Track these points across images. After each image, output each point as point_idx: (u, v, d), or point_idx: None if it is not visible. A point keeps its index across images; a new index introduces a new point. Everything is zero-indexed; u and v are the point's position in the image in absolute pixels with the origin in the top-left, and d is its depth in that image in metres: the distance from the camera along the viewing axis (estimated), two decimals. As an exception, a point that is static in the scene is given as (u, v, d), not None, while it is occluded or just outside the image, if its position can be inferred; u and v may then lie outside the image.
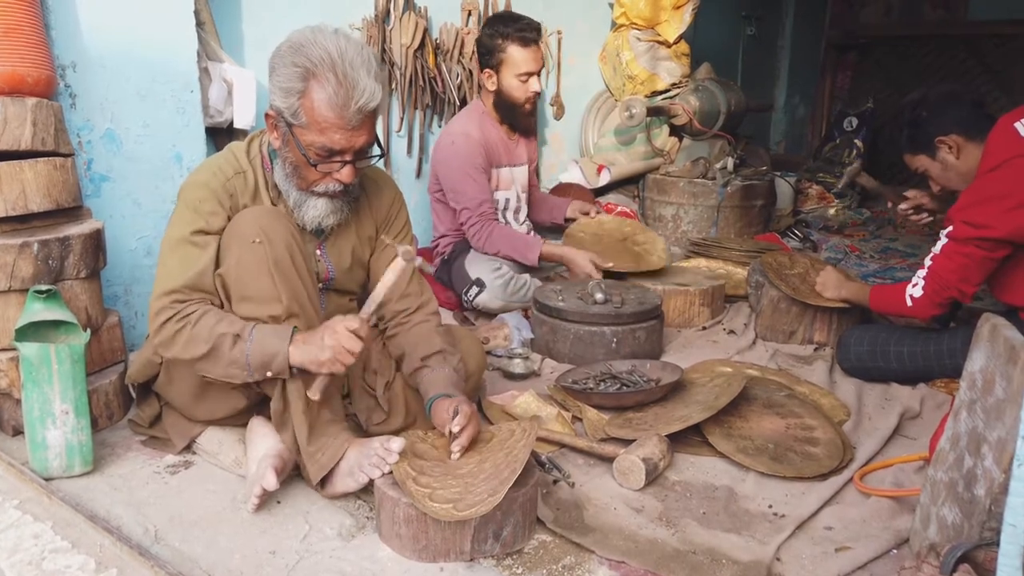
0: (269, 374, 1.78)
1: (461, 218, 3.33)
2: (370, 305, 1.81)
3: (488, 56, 3.33)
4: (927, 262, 2.47)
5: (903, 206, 2.92)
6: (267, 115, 1.86)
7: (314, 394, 1.78)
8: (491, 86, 3.37)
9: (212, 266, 1.85)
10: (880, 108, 6.34)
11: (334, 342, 1.72)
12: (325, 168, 1.84)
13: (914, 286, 2.49)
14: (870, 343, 2.71)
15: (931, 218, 2.86)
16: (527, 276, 3.29)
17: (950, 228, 2.41)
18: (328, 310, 2.09)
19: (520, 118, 3.47)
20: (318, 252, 2.04)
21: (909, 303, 2.50)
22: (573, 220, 3.72)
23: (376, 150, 1.91)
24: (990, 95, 6.51)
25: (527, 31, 3.32)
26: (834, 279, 2.96)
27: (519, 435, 1.81)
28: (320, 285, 2.04)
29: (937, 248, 2.45)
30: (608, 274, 3.26)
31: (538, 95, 3.44)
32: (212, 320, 1.78)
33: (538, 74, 3.40)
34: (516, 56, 3.31)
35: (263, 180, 1.96)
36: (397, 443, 1.76)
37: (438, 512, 1.57)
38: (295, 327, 1.80)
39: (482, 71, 3.39)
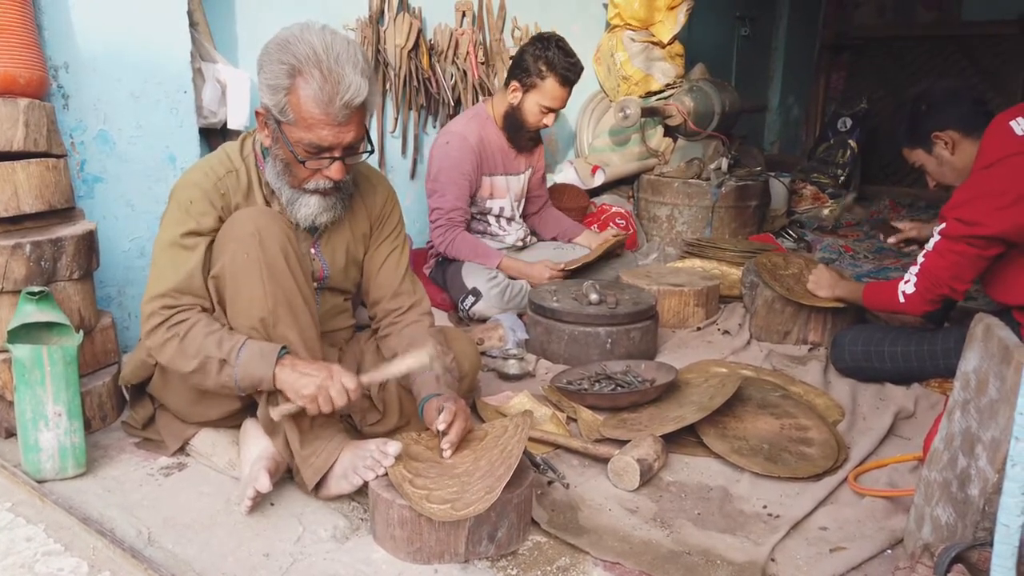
0: (259, 390, 1.79)
1: (431, 216, 3.33)
2: (376, 376, 1.81)
3: (524, 74, 3.30)
4: (920, 259, 2.47)
5: (891, 240, 2.94)
6: (257, 113, 1.86)
7: (275, 415, 1.75)
8: (513, 100, 3.35)
9: (202, 268, 1.84)
10: (874, 108, 6.36)
11: (323, 383, 1.70)
12: (314, 165, 1.84)
13: (906, 283, 2.49)
14: (864, 343, 2.71)
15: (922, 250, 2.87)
16: (523, 282, 3.29)
17: (943, 225, 2.41)
18: (323, 309, 2.08)
19: (521, 139, 3.47)
20: (312, 251, 2.03)
21: (901, 299, 2.50)
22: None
23: (367, 147, 1.90)
24: (983, 94, 6.52)
25: (571, 72, 3.31)
26: (827, 278, 2.96)
27: (512, 431, 1.81)
28: (315, 284, 2.04)
29: (930, 245, 2.45)
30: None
31: (546, 127, 3.43)
32: (201, 334, 1.77)
33: (557, 112, 3.40)
34: (551, 89, 3.30)
35: (256, 179, 1.95)
36: (393, 447, 1.76)
37: (436, 513, 1.57)
38: (284, 348, 1.78)
39: (509, 80, 3.36)
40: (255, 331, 1.80)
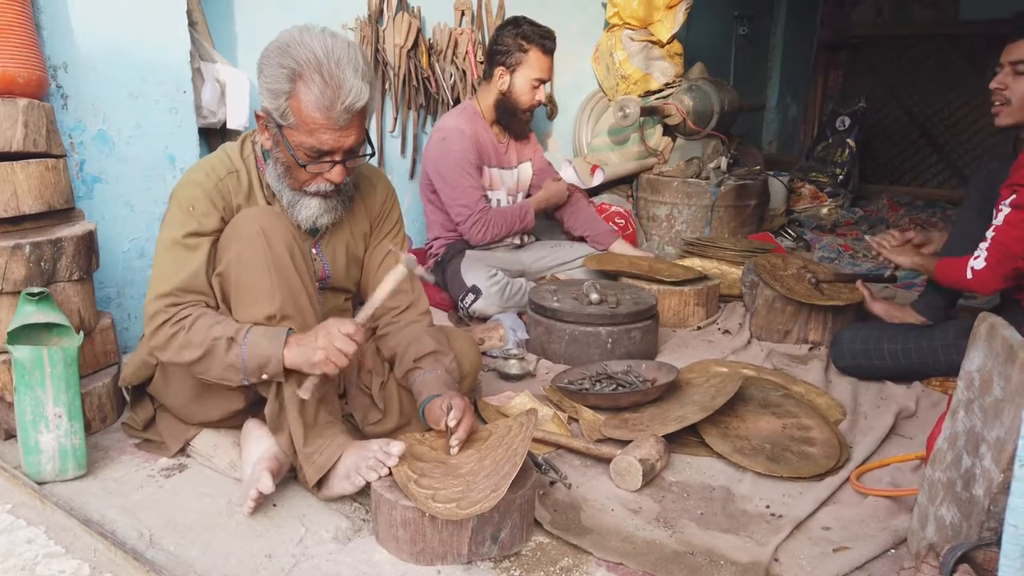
0: (264, 377, 1.76)
1: (458, 216, 3.31)
2: (367, 309, 1.80)
3: (505, 55, 3.35)
4: (989, 234, 2.36)
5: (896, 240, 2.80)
6: (257, 116, 1.86)
7: (304, 393, 1.76)
8: (502, 86, 3.37)
9: (206, 267, 1.84)
10: (872, 107, 6.37)
11: (327, 343, 1.72)
12: (315, 168, 1.83)
13: (976, 258, 2.38)
14: (863, 342, 2.71)
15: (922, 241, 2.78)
16: (522, 280, 3.29)
17: (1013, 197, 2.32)
18: (325, 309, 2.08)
19: (518, 124, 3.48)
20: (314, 251, 2.03)
21: (969, 275, 2.39)
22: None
23: (367, 149, 1.90)
24: (980, 94, 6.53)
25: (549, 39, 3.38)
26: (907, 247, 2.78)
27: (516, 430, 1.81)
28: (317, 284, 2.03)
29: (999, 219, 2.35)
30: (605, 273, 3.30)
31: (540, 104, 3.45)
32: (207, 323, 1.77)
33: (546, 84, 3.42)
34: (536, 60, 3.35)
35: (257, 179, 1.95)
36: (397, 447, 1.76)
37: (442, 512, 1.57)
38: (290, 329, 1.78)
39: (492, 69, 3.38)
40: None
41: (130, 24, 2.51)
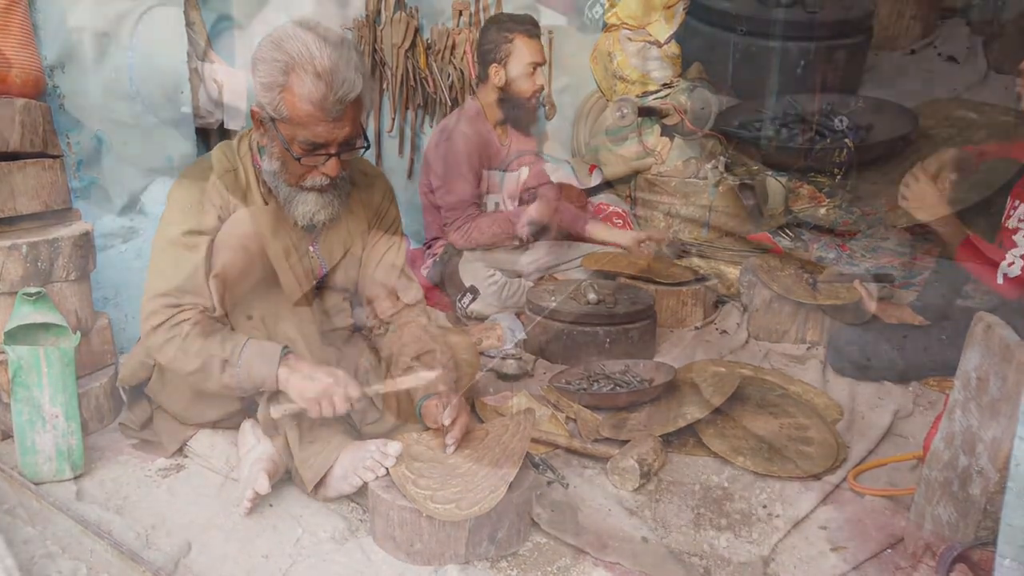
0: (262, 391, 1.78)
1: (446, 217, 3.32)
2: (379, 388, 1.83)
3: (495, 51, 3.35)
4: (1020, 239, 2.31)
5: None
6: (253, 112, 1.85)
7: (275, 413, 1.76)
8: (499, 82, 3.37)
9: (203, 267, 1.83)
10: (870, 107, 6.36)
11: (327, 391, 1.72)
12: (310, 162, 1.83)
13: (1010, 265, 2.33)
14: (859, 342, 2.71)
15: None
16: (520, 280, 3.29)
17: None
18: (322, 308, 2.07)
19: (526, 115, 3.49)
20: (311, 249, 2.02)
21: (1000, 280, 2.34)
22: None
23: (362, 142, 1.90)
24: (979, 93, 6.53)
25: (531, 23, 3.40)
26: (932, 195, 2.52)
27: (514, 430, 1.81)
28: (314, 282, 2.03)
29: None
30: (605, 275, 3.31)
31: (542, 89, 3.45)
32: (202, 335, 1.77)
33: (542, 67, 3.43)
34: (524, 47, 3.35)
35: (254, 177, 1.94)
36: (394, 447, 1.76)
37: (441, 513, 1.57)
38: (285, 347, 1.78)
39: (486, 70, 3.38)
40: (256, 330, 1.80)
41: (127, 24, 2.50)
